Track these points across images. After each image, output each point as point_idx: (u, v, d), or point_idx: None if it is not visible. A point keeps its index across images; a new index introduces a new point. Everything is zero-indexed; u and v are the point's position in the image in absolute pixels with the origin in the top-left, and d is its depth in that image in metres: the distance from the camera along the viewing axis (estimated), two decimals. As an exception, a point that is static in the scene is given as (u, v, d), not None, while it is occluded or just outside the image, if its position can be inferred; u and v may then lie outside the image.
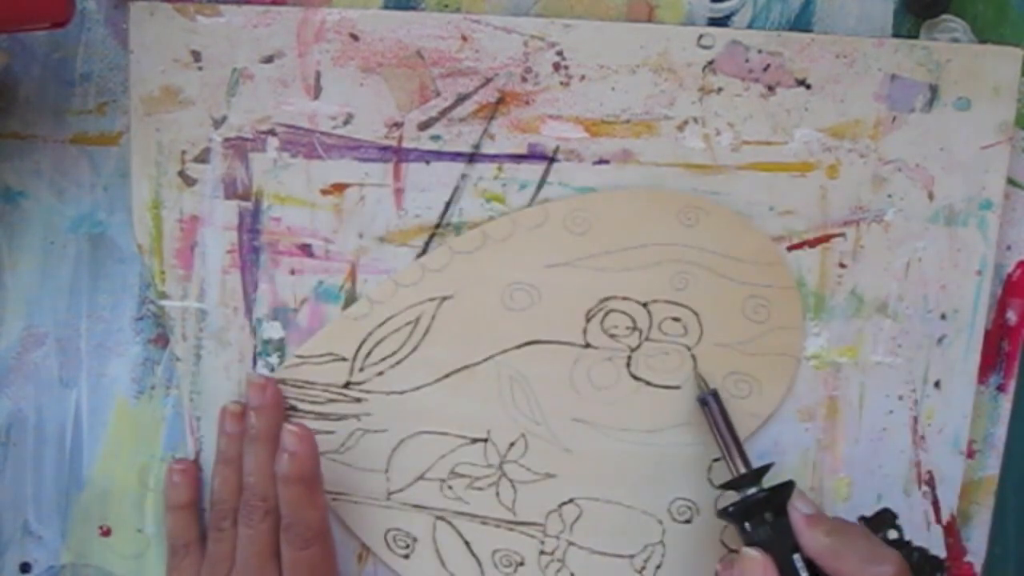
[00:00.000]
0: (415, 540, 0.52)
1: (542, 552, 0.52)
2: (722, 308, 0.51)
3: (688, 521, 0.52)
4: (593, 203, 0.51)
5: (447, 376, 0.52)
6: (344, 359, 0.52)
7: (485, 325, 0.51)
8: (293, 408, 0.52)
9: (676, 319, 0.51)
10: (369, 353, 0.51)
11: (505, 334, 0.51)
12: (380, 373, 0.51)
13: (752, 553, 0.46)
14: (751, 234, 0.51)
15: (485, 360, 0.51)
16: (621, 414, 0.52)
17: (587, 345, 0.51)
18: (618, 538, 0.52)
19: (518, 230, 0.51)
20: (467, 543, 0.52)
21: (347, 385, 0.52)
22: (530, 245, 0.51)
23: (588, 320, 0.51)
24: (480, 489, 0.52)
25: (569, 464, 0.52)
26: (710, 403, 0.50)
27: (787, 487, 0.48)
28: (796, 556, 0.46)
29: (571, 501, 0.52)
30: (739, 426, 0.51)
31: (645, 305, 0.51)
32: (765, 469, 0.49)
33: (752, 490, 0.48)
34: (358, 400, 0.52)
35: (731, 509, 0.48)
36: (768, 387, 0.52)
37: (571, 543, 0.52)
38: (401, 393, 0.52)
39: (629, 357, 0.51)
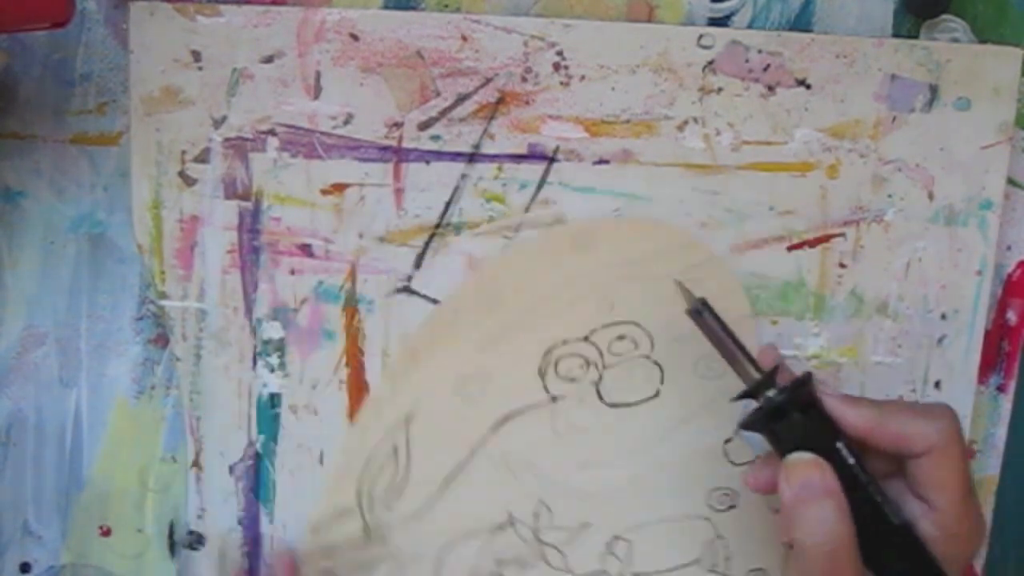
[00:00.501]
0: None
1: None
2: (656, 306, 0.51)
3: (733, 506, 0.52)
4: (496, 273, 0.51)
5: (447, 484, 0.52)
6: (352, 510, 0.52)
7: (455, 425, 0.52)
8: (332, 574, 0.53)
9: (621, 337, 0.51)
10: (371, 497, 0.52)
11: (475, 424, 0.52)
12: (389, 509, 0.52)
13: (803, 457, 0.43)
14: (646, 226, 0.51)
15: (472, 455, 0.52)
16: (619, 442, 0.52)
17: (554, 399, 0.52)
18: (677, 550, 0.52)
19: (459, 314, 0.51)
20: None
21: (366, 531, 0.52)
22: (464, 331, 0.51)
23: (543, 376, 0.52)
24: (531, 565, 0.52)
25: (597, 507, 0.52)
26: (703, 313, 0.46)
27: (806, 379, 0.44)
28: (840, 445, 0.43)
29: (616, 538, 0.52)
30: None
31: (586, 339, 0.51)
32: (776, 370, 0.45)
33: (771, 392, 0.44)
34: (383, 541, 0.52)
35: (756, 417, 0.44)
36: None
37: (635, 573, 0.53)
38: (415, 517, 0.52)
39: (597, 391, 0.52)
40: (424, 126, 0.51)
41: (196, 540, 0.54)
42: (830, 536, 0.42)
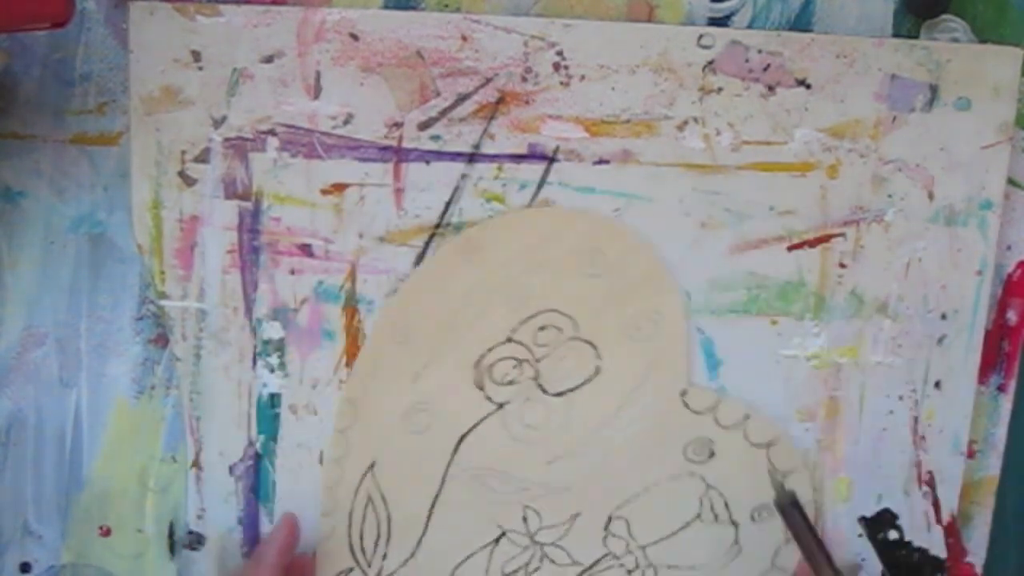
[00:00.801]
0: None
1: (630, 572, 0.53)
2: (568, 287, 0.51)
3: (712, 454, 0.52)
4: (401, 304, 0.51)
5: (429, 518, 0.52)
6: (352, 568, 0.53)
7: (416, 462, 0.52)
8: None
9: (542, 328, 0.51)
10: (363, 549, 0.53)
11: (435, 453, 0.52)
12: (384, 556, 0.53)
13: None
14: (533, 214, 0.51)
15: (442, 484, 0.52)
16: (577, 427, 0.52)
17: (500, 405, 0.52)
18: (674, 512, 0.53)
19: (381, 354, 0.51)
20: None
21: None
22: (391, 369, 0.52)
23: (481, 388, 0.52)
24: (537, 568, 0.53)
25: (580, 496, 0.52)
26: (789, 513, 0.49)
27: None
28: None
29: (611, 519, 0.53)
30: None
31: (509, 340, 0.51)
32: (855, 570, 0.49)
33: None
34: None
35: None
36: (665, 308, 0.51)
37: (643, 546, 0.53)
38: (412, 556, 0.53)
39: (539, 385, 0.52)
40: (424, 126, 0.51)
41: (196, 540, 0.54)
42: None
